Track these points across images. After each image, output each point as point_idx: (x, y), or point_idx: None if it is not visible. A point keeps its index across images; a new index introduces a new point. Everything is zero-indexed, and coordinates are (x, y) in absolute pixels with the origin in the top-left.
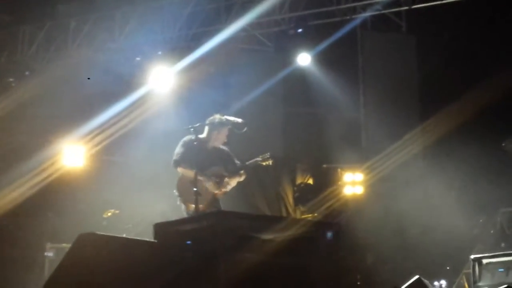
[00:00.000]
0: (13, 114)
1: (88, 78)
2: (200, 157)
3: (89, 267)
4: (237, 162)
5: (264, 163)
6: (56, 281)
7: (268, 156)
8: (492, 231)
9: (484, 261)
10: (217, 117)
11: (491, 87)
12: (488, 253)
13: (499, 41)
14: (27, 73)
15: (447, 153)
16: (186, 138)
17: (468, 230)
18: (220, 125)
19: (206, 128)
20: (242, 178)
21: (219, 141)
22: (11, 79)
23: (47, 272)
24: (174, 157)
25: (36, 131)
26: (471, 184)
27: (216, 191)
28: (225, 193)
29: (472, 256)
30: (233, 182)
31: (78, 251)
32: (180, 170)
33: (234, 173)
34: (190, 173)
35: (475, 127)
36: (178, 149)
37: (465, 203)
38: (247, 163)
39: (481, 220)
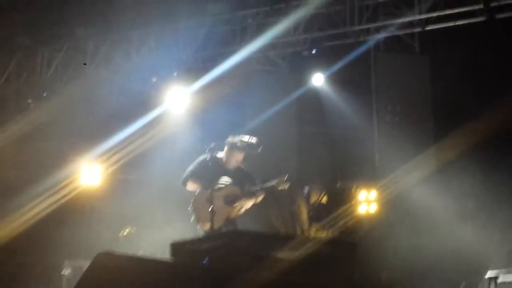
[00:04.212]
0: (32, 134)
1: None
2: (215, 176)
3: (106, 286)
4: (256, 182)
5: (280, 187)
6: None
7: (284, 179)
8: (507, 250)
9: (500, 279)
10: (235, 140)
11: (505, 107)
12: (503, 271)
13: None
14: (45, 94)
15: (461, 172)
16: (201, 157)
17: (483, 248)
18: (236, 148)
19: (225, 149)
20: (258, 200)
21: (233, 164)
22: (29, 100)
23: None
24: (183, 175)
25: (53, 151)
26: (485, 203)
27: (229, 211)
28: (240, 214)
29: (488, 275)
30: (247, 204)
31: (96, 271)
32: (188, 187)
33: (249, 194)
34: (196, 188)
35: (490, 147)
36: (189, 168)
37: (480, 222)
38: (263, 185)
39: (495, 239)
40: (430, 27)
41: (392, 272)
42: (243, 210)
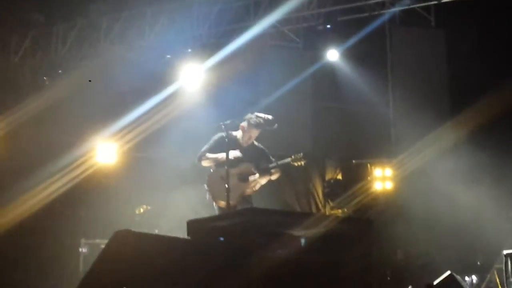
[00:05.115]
0: (47, 112)
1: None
2: (230, 154)
3: (124, 264)
4: (272, 159)
5: (296, 164)
6: (93, 277)
7: (301, 156)
8: None
9: None
10: (252, 117)
11: None
12: None
13: None
14: (60, 71)
15: (477, 147)
16: (217, 135)
17: (499, 225)
18: (254, 126)
19: (242, 126)
20: (274, 177)
21: (248, 141)
22: (45, 78)
23: (81, 268)
24: (199, 152)
25: (69, 129)
26: (502, 179)
27: (244, 188)
28: (254, 191)
29: (505, 252)
30: (263, 181)
31: (114, 248)
32: (203, 163)
33: (264, 171)
34: (211, 165)
35: (506, 121)
36: (205, 146)
37: (496, 198)
38: (279, 162)
39: None
40: (445, 0)
41: (407, 249)
42: (258, 187)
